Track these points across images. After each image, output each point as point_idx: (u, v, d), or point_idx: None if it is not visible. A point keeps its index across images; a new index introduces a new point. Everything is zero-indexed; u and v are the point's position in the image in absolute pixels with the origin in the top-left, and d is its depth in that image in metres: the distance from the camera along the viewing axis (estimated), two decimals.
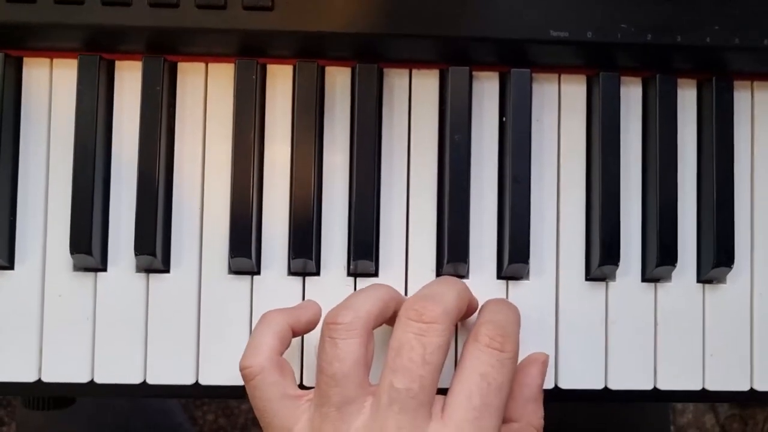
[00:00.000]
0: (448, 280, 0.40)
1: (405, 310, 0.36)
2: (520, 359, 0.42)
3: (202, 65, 0.43)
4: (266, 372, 0.37)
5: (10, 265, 0.42)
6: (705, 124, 0.44)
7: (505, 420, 0.39)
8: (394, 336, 0.36)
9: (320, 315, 0.41)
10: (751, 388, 0.44)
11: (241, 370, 0.38)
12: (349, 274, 0.43)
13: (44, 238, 0.42)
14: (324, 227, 0.43)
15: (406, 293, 0.43)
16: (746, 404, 1.14)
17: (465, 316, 0.41)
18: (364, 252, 0.41)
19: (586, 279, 0.43)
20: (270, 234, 0.42)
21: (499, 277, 0.43)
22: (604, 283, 0.43)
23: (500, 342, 0.36)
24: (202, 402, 1.10)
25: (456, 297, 0.38)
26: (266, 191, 0.42)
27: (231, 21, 0.39)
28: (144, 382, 0.42)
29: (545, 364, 0.41)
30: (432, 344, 0.35)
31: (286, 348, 0.39)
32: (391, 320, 0.39)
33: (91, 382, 0.42)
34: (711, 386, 0.43)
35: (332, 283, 0.42)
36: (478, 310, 0.41)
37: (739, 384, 0.44)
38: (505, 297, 0.43)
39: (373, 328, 0.37)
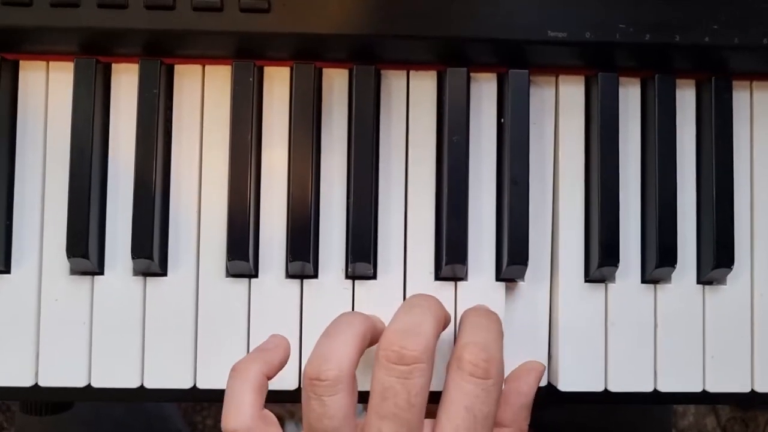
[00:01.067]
0: (422, 304, 0.38)
1: (384, 351, 0.35)
2: (519, 362, 0.42)
3: (199, 67, 0.43)
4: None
5: (6, 269, 0.41)
6: (704, 124, 0.44)
7: (497, 424, 0.39)
8: (377, 378, 0.35)
9: (290, 349, 0.40)
10: (752, 390, 0.44)
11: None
12: (347, 276, 0.42)
13: (41, 241, 0.42)
14: (322, 230, 0.42)
15: (404, 296, 0.42)
16: (747, 407, 1.14)
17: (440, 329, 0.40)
18: (362, 254, 0.41)
19: (586, 280, 0.43)
20: (267, 237, 0.42)
21: (498, 279, 0.43)
22: (603, 285, 0.43)
23: (484, 368, 0.36)
24: (201, 407, 1.10)
25: (434, 324, 0.37)
26: (264, 194, 0.42)
27: (228, 23, 0.39)
28: (141, 386, 0.41)
29: (541, 374, 0.41)
30: (416, 386, 0.35)
31: (264, 397, 0.38)
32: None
33: (88, 386, 0.41)
34: (711, 388, 0.43)
35: (330, 286, 0.42)
36: (459, 322, 0.40)
37: (739, 385, 0.43)
38: (503, 299, 0.43)
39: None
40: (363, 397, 0.39)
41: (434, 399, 0.37)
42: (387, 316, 0.42)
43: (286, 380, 0.42)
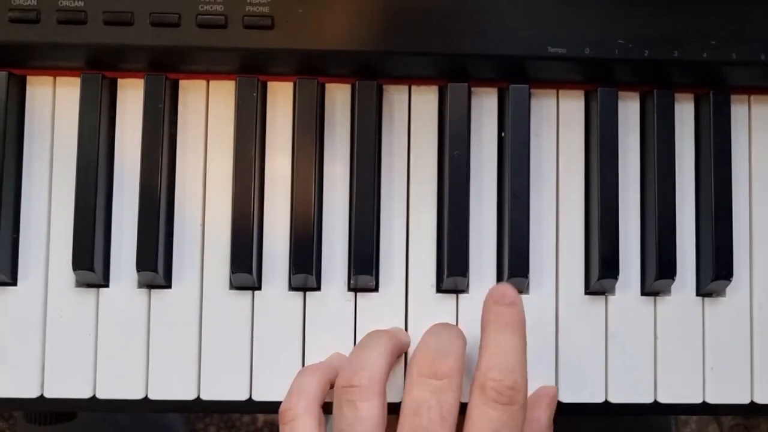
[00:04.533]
0: (449, 327, 0.40)
1: (418, 367, 0.36)
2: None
3: (204, 83, 0.43)
4: (304, 417, 0.36)
5: (12, 282, 0.42)
6: (703, 138, 0.44)
7: None
8: (410, 394, 0.36)
9: None
10: (752, 401, 0.44)
11: (282, 411, 0.37)
12: (349, 289, 0.43)
13: (47, 254, 0.42)
14: (325, 243, 0.43)
15: (406, 309, 0.43)
16: (750, 414, 1.14)
17: None
18: (364, 267, 0.41)
19: (586, 293, 0.43)
20: (271, 250, 0.43)
21: None
22: (603, 297, 0.44)
23: (509, 395, 0.35)
24: (204, 414, 1.10)
25: (462, 345, 0.38)
26: (267, 208, 0.43)
27: (232, 40, 0.40)
28: (146, 398, 0.42)
29: (554, 398, 0.41)
30: (449, 401, 0.35)
31: (324, 400, 0.38)
32: None
33: (93, 397, 0.42)
34: (711, 399, 0.43)
35: (333, 299, 0.43)
36: (481, 327, 0.39)
37: (739, 397, 0.44)
38: None
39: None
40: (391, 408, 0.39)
41: None
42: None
43: None
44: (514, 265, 0.42)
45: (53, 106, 0.43)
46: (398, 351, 0.40)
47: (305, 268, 0.41)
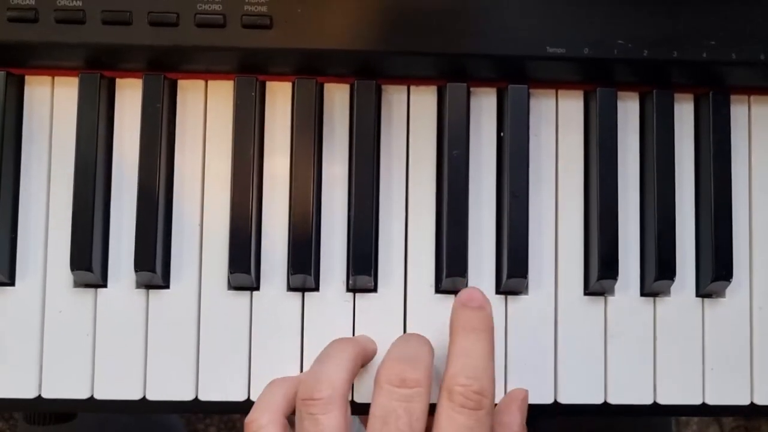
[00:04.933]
0: (418, 337, 0.40)
1: (386, 376, 0.36)
2: (520, 373, 0.42)
3: (202, 82, 0.43)
4: (268, 428, 0.37)
5: (11, 282, 0.42)
6: (702, 138, 0.44)
7: None
8: (378, 403, 0.36)
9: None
10: (752, 402, 0.44)
11: (247, 423, 0.38)
12: (348, 289, 0.43)
13: (45, 254, 0.42)
14: (323, 243, 0.43)
15: (405, 310, 0.43)
16: (750, 416, 1.14)
17: None
18: (362, 267, 0.41)
19: (585, 293, 0.43)
20: (269, 250, 0.43)
21: (498, 291, 0.43)
22: (602, 298, 0.43)
23: (476, 400, 0.36)
24: (204, 415, 1.10)
25: (431, 354, 0.38)
26: (265, 207, 0.43)
27: (230, 39, 0.40)
28: (144, 398, 0.42)
29: (525, 401, 0.41)
30: (417, 410, 0.35)
31: (291, 412, 0.38)
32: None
33: (91, 398, 0.42)
34: (711, 400, 0.43)
35: (332, 299, 0.42)
36: (449, 331, 0.39)
37: (739, 398, 0.44)
38: (503, 312, 0.43)
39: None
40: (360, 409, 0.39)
41: None
42: (387, 329, 0.42)
43: None
44: (513, 265, 0.42)
45: (51, 106, 0.43)
46: (363, 359, 0.40)
47: (304, 268, 0.41)
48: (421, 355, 0.37)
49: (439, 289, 0.43)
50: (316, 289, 0.43)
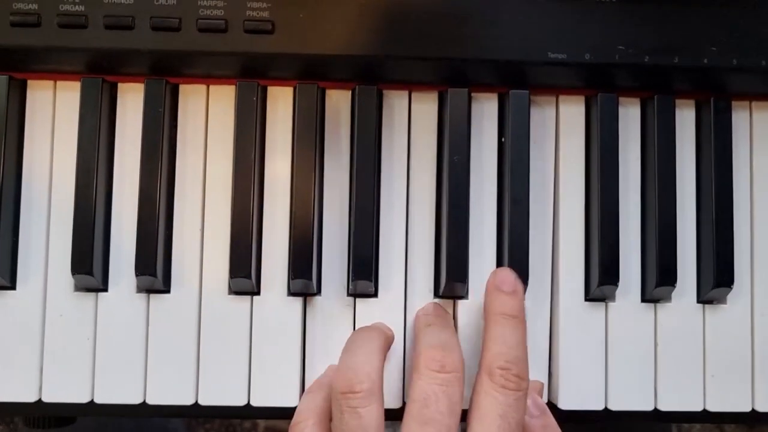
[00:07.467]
0: (446, 324, 0.41)
1: (425, 360, 0.37)
2: None
3: (204, 87, 0.43)
4: (313, 424, 0.38)
5: (12, 286, 0.42)
6: (704, 144, 0.44)
7: None
8: (418, 387, 0.37)
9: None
10: (753, 409, 0.44)
11: (292, 426, 0.39)
12: (348, 294, 0.43)
13: (46, 258, 0.42)
14: (324, 248, 0.43)
15: (405, 314, 0.43)
16: (751, 422, 1.13)
17: None
18: (363, 272, 0.41)
19: (586, 299, 0.43)
20: (270, 255, 0.43)
21: None
22: (603, 304, 0.43)
23: (516, 382, 0.37)
24: (205, 419, 1.10)
25: (459, 341, 0.39)
26: (266, 212, 0.43)
27: (232, 44, 0.40)
28: (144, 403, 0.42)
29: (539, 390, 0.42)
30: (455, 394, 0.37)
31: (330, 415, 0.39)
32: None
33: (91, 402, 0.42)
34: (712, 407, 0.43)
35: (332, 304, 0.42)
36: (483, 315, 0.41)
37: (740, 405, 0.44)
38: None
39: None
40: None
41: None
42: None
43: (287, 397, 0.42)
44: (514, 271, 0.41)
45: (54, 110, 0.43)
46: (387, 347, 0.41)
47: (304, 273, 0.41)
48: (454, 343, 0.39)
49: (439, 294, 0.43)
50: (317, 293, 0.43)
